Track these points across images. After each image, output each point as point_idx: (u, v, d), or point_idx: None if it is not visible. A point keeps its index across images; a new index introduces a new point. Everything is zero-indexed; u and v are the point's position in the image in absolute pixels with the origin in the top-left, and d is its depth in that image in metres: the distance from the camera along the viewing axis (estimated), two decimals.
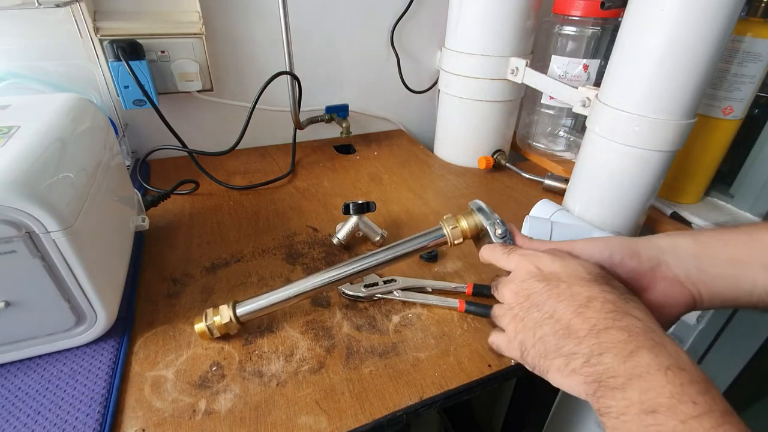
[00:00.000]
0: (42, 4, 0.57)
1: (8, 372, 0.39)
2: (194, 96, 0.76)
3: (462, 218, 0.43)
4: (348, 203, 0.57)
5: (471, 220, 0.43)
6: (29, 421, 0.35)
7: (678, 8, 0.47)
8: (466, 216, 0.43)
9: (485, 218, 0.42)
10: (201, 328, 0.42)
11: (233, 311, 0.42)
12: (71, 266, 0.36)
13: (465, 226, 0.43)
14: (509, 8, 0.71)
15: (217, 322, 0.42)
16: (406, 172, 0.82)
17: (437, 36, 0.92)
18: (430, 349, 0.44)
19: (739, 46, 0.60)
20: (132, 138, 0.77)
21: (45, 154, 0.36)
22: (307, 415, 0.37)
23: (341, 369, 0.41)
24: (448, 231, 0.43)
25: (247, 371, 0.41)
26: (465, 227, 0.43)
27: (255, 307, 0.43)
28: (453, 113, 0.84)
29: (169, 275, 0.52)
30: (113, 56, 0.64)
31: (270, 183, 0.75)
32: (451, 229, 0.43)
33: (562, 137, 0.89)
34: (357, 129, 0.95)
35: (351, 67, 0.89)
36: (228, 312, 0.42)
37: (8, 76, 0.63)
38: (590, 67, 0.75)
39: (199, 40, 0.70)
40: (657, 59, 0.50)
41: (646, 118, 0.53)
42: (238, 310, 0.43)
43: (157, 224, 0.61)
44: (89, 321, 0.40)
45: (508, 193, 0.76)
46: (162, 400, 0.38)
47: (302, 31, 0.80)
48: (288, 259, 0.56)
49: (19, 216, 0.32)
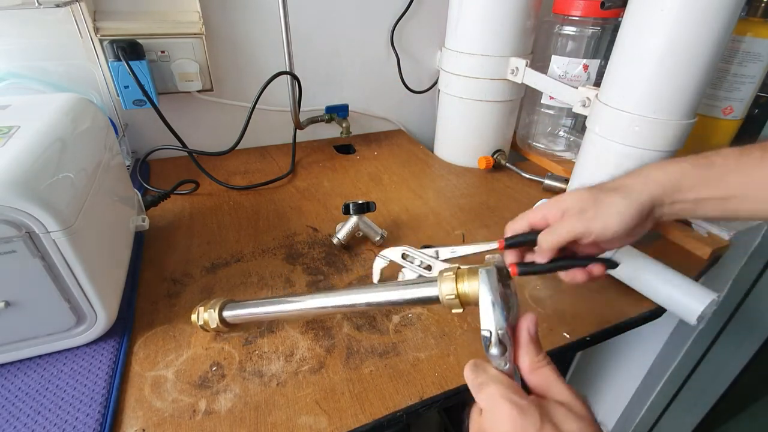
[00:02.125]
0: (42, 4, 0.57)
1: (8, 372, 0.39)
2: (194, 96, 0.76)
3: (467, 279, 0.31)
4: (348, 203, 0.57)
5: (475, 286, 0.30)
6: (29, 421, 0.35)
7: (678, 8, 0.47)
8: (472, 278, 0.30)
9: (487, 310, 0.27)
10: (195, 322, 0.43)
11: (219, 314, 0.42)
12: (71, 266, 0.36)
13: (467, 290, 0.30)
14: (509, 8, 0.71)
15: (205, 320, 0.42)
16: (406, 172, 0.82)
17: (437, 36, 0.92)
18: (430, 349, 0.44)
19: (739, 46, 0.60)
20: (132, 138, 0.77)
21: (45, 154, 0.36)
22: (307, 415, 0.37)
23: (341, 369, 0.41)
24: (443, 295, 0.31)
25: (247, 371, 0.41)
26: (467, 292, 0.30)
27: (241, 315, 0.42)
28: (453, 113, 0.84)
29: (169, 275, 0.52)
30: (113, 56, 0.64)
31: (270, 183, 0.75)
32: (447, 297, 0.31)
33: (562, 137, 0.89)
34: (357, 129, 0.95)
35: (351, 67, 0.89)
36: (215, 315, 0.42)
37: (8, 76, 0.63)
38: (590, 67, 0.75)
39: (199, 40, 0.70)
40: (657, 59, 0.50)
41: (646, 118, 0.53)
42: (225, 313, 0.42)
43: (157, 224, 0.61)
44: (89, 321, 0.40)
45: (508, 193, 0.76)
46: (162, 400, 0.37)
47: (302, 31, 0.80)
48: (288, 259, 0.56)
49: (19, 216, 0.32)
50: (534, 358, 0.27)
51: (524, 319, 0.28)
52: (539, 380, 0.27)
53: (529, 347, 0.27)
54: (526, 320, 0.28)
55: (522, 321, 0.28)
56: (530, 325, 0.28)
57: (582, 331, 0.47)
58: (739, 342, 0.76)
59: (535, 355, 0.27)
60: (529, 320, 0.28)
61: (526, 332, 0.27)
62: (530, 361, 0.27)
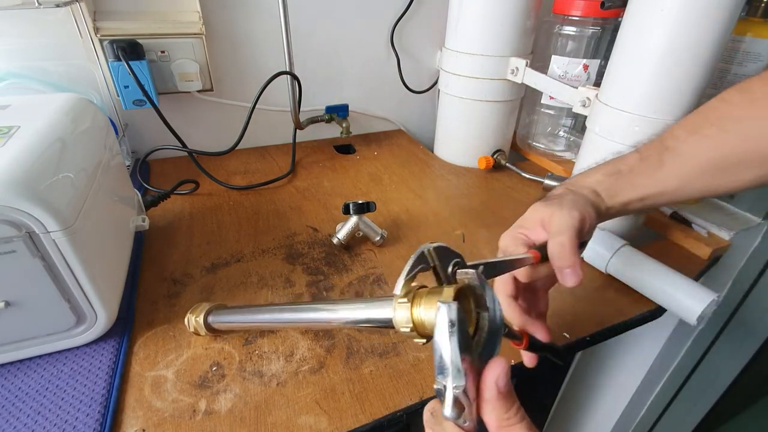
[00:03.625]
0: (42, 4, 0.57)
1: (8, 372, 0.39)
2: (194, 96, 0.76)
3: (424, 304, 0.24)
4: (348, 203, 0.57)
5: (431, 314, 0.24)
6: (29, 421, 0.35)
7: (678, 8, 0.47)
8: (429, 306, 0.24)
9: (441, 359, 0.22)
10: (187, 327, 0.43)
11: (204, 319, 0.42)
12: (71, 266, 0.36)
13: (423, 319, 0.24)
14: (509, 8, 0.71)
15: (194, 326, 0.42)
16: (406, 172, 0.82)
17: (437, 36, 0.92)
18: (430, 349, 0.43)
19: (739, 46, 0.60)
20: (132, 138, 0.77)
21: (45, 154, 0.36)
22: (307, 415, 0.37)
23: (341, 369, 0.41)
24: (397, 324, 0.25)
25: (248, 371, 0.41)
26: (423, 321, 0.24)
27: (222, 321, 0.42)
28: (453, 113, 0.84)
29: (169, 275, 0.52)
30: (113, 56, 0.64)
31: (270, 183, 0.75)
32: (402, 328, 0.25)
33: (562, 137, 0.89)
34: (357, 129, 0.95)
35: (351, 67, 0.89)
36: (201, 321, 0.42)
37: (8, 76, 0.63)
38: (590, 67, 0.75)
39: (199, 40, 0.70)
40: (657, 59, 0.50)
41: (646, 118, 0.53)
42: (211, 319, 0.42)
43: (157, 224, 0.61)
44: (89, 321, 0.40)
45: (508, 193, 0.76)
46: (162, 400, 0.37)
47: (302, 31, 0.80)
48: (288, 259, 0.56)
49: (19, 216, 0.32)
50: (502, 415, 0.22)
51: (491, 368, 0.22)
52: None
53: (496, 404, 0.22)
54: (493, 370, 0.22)
55: (488, 371, 0.22)
56: (499, 377, 0.22)
57: (582, 331, 0.47)
58: (739, 342, 0.76)
59: (503, 412, 0.22)
60: (497, 371, 0.22)
61: (493, 386, 0.22)
62: (497, 418, 0.22)
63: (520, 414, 0.22)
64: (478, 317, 0.24)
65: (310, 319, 0.35)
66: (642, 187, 0.37)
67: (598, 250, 0.55)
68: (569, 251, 0.33)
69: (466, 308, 0.24)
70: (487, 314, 0.24)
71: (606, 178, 0.38)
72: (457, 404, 0.21)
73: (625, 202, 0.38)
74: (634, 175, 0.38)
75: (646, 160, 0.38)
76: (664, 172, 0.37)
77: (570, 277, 0.33)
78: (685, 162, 0.36)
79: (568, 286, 0.33)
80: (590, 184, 0.38)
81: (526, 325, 0.36)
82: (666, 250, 0.61)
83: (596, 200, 0.37)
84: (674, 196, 0.37)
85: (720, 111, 0.36)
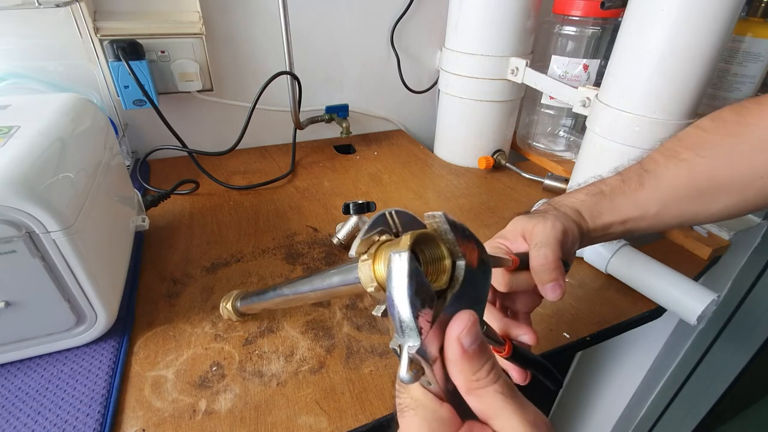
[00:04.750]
0: (42, 4, 0.57)
1: (8, 372, 0.39)
2: (194, 96, 0.76)
3: (384, 260, 0.22)
4: (348, 203, 0.57)
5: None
6: (29, 421, 0.35)
7: (678, 8, 0.47)
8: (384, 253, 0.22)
9: (393, 315, 0.19)
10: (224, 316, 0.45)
11: (233, 305, 0.44)
12: (71, 266, 0.36)
13: (383, 274, 0.22)
14: (509, 8, 0.71)
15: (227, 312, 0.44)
16: (406, 172, 0.82)
17: (437, 36, 0.92)
18: None
19: (739, 46, 0.60)
20: (132, 138, 0.77)
21: (45, 154, 0.36)
22: (307, 415, 0.37)
23: (341, 369, 0.41)
24: (365, 285, 0.23)
25: (248, 371, 0.41)
26: (382, 277, 0.22)
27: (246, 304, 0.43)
28: (453, 113, 0.84)
29: (169, 275, 0.52)
30: (113, 56, 0.64)
31: (270, 183, 0.75)
32: (369, 288, 0.23)
33: (562, 137, 0.89)
34: (357, 129, 0.95)
35: (351, 67, 0.89)
36: (230, 306, 0.44)
37: (8, 76, 0.63)
38: (590, 67, 0.75)
39: (199, 40, 0.70)
40: (657, 59, 0.50)
41: (646, 118, 0.53)
42: (239, 304, 0.44)
43: (157, 224, 0.61)
44: (89, 321, 0.40)
45: (508, 193, 0.76)
46: (162, 400, 0.37)
47: (302, 31, 0.80)
48: (288, 259, 0.56)
49: (19, 216, 0.32)
50: (470, 377, 0.19)
51: (454, 323, 0.19)
52: (480, 405, 0.20)
53: (461, 364, 0.19)
54: (456, 326, 0.19)
55: (451, 327, 0.19)
56: (463, 333, 0.19)
57: (582, 331, 0.47)
58: (739, 342, 0.76)
59: (471, 373, 0.19)
60: (460, 326, 0.19)
61: (455, 344, 0.19)
62: (465, 380, 0.19)
63: (492, 374, 0.19)
64: (454, 266, 0.21)
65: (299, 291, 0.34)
66: (623, 209, 0.38)
67: (598, 249, 0.55)
68: (552, 264, 0.31)
69: (434, 256, 0.21)
70: (464, 262, 0.21)
71: (588, 198, 0.39)
72: (413, 365, 0.19)
73: (606, 224, 0.38)
74: (615, 196, 0.38)
75: (627, 181, 0.38)
76: (644, 195, 0.37)
77: (552, 291, 0.31)
78: (663, 185, 0.37)
79: (551, 299, 0.32)
80: (573, 203, 0.38)
81: (509, 328, 0.34)
82: (666, 250, 0.61)
83: (579, 220, 0.37)
84: (654, 221, 0.38)
85: (694, 137, 0.38)
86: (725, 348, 0.78)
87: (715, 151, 0.36)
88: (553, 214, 0.36)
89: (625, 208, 0.38)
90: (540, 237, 0.33)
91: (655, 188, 0.37)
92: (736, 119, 0.35)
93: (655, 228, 0.39)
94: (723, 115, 0.37)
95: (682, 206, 0.37)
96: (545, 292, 0.32)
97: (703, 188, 0.36)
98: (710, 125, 0.37)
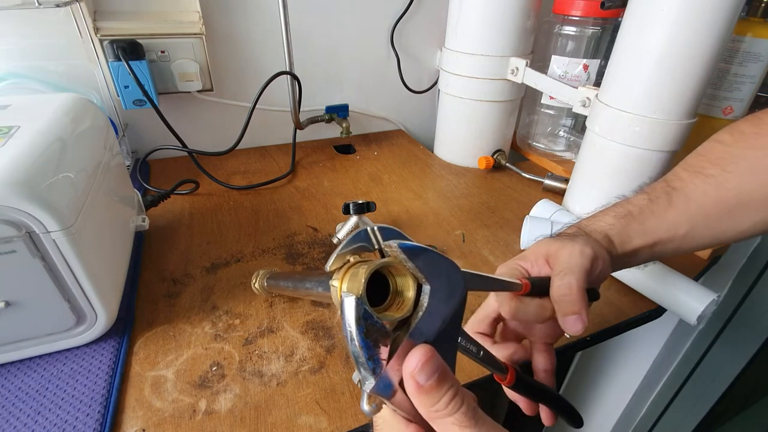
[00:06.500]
0: (42, 4, 0.57)
1: (8, 372, 0.39)
2: (194, 96, 0.76)
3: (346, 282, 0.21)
4: (348, 203, 0.57)
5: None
6: (29, 421, 0.35)
7: (678, 8, 0.47)
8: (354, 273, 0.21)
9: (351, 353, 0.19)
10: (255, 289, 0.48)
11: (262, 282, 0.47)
12: (71, 266, 0.36)
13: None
14: (509, 8, 0.71)
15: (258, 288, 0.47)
16: (406, 172, 0.82)
17: (437, 36, 0.92)
18: None
19: (739, 46, 0.60)
20: (132, 138, 0.77)
21: (45, 154, 0.36)
22: (307, 415, 0.37)
23: (341, 369, 0.41)
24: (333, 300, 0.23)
25: (248, 371, 0.41)
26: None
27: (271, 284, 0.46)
28: (453, 113, 0.84)
29: (169, 275, 0.52)
30: (113, 56, 0.64)
31: (270, 183, 0.75)
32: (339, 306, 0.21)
33: (562, 137, 0.89)
34: (357, 129, 0.95)
35: (351, 67, 0.89)
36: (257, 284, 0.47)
37: (8, 76, 0.63)
38: (590, 67, 0.75)
39: (199, 40, 0.70)
40: (657, 59, 0.50)
41: (646, 118, 0.53)
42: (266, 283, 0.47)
43: (157, 224, 0.61)
44: (89, 321, 0.40)
45: (508, 193, 0.76)
46: (162, 400, 0.37)
47: (302, 31, 0.80)
48: (288, 259, 0.56)
49: (19, 216, 0.32)
50: (428, 409, 0.20)
51: (409, 360, 0.20)
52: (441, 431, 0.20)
53: (417, 398, 0.20)
54: (410, 363, 0.19)
55: (405, 363, 0.20)
56: (416, 370, 0.19)
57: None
58: (739, 342, 0.76)
59: (429, 406, 0.19)
60: (413, 362, 0.19)
61: (411, 381, 0.19)
62: (424, 411, 0.20)
63: (451, 405, 0.19)
64: (420, 292, 0.21)
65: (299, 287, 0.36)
66: (653, 231, 0.36)
67: None
68: (576, 294, 0.28)
69: (397, 286, 0.21)
70: (429, 287, 0.21)
71: (617, 221, 0.36)
72: (371, 400, 0.19)
73: (635, 249, 0.36)
74: (645, 217, 0.36)
75: (656, 201, 0.36)
76: (674, 214, 0.35)
77: (573, 325, 0.29)
78: (693, 203, 0.35)
79: (571, 333, 0.29)
80: (602, 228, 0.36)
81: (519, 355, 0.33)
82: None
83: (609, 246, 0.35)
84: (682, 243, 0.36)
85: (717, 152, 0.36)
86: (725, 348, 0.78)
87: (740, 165, 0.34)
88: (583, 238, 0.33)
89: (655, 230, 0.36)
90: (565, 264, 0.30)
91: (684, 207, 0.35)
92: (755, 131, 0.34)
93: (681, 250, 0.37)
94: (741, 128, 0.35)
95: (711, 225, 0.35)
96: (565, 324, 0.29)
97: (732, 205, 0.34)
98: (730, 139, 0.35)
